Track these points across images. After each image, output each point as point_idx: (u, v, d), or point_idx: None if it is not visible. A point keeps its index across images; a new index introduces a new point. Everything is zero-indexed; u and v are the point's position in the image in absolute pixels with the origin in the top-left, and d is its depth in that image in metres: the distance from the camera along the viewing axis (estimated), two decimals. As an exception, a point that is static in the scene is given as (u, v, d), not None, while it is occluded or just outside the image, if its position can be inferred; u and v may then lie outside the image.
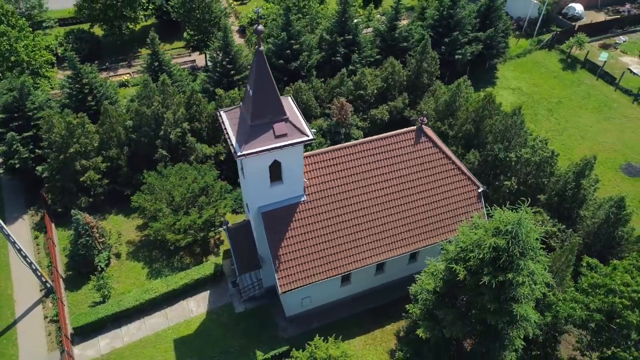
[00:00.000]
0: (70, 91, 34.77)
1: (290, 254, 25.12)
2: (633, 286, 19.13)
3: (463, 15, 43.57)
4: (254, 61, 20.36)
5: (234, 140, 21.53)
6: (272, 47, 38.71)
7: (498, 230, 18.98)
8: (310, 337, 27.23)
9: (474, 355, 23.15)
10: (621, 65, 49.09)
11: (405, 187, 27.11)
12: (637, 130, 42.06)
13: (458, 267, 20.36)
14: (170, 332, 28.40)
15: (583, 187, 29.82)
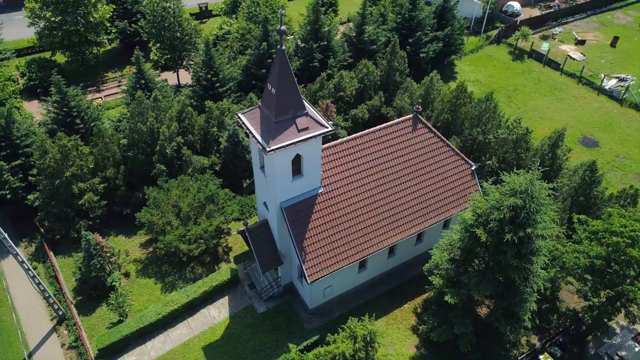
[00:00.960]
0: (57, 115, 34.14)
1: (314, 245, 26.27)
2: (629, 227, 22.08)
3: (423, 17, 47.02)
4: (276, 60, 21.68)
5: (260, 138, 22.59)
6: (251, 58, 39.97)
7: (514, 191, 21.32)
8: (334, 325, 28.65)
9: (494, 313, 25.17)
10: (561, 52, 54.56)
11: (408, 172, 29.16)
12: (586, 107, 46.95)
13: (479, 231, 22.47)
14: (197, 340, 28.47)
15: (558, 156, 33.31)
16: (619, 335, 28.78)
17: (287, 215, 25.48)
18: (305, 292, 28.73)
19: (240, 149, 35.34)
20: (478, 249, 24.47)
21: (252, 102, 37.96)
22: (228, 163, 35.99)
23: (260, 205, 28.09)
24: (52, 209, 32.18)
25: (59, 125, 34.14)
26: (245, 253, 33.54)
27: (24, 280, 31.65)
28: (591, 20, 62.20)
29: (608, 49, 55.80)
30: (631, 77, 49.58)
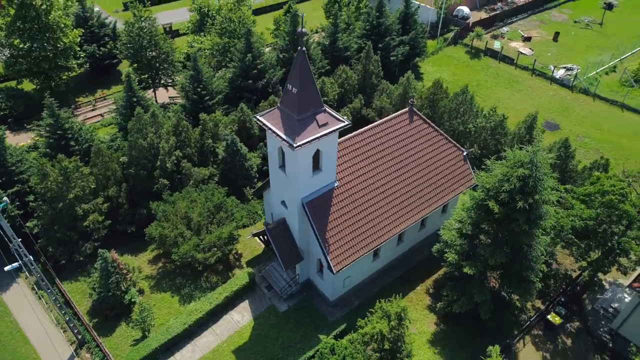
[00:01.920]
0: (50, 139, 33.49)
1: (335, 237, 27.53)
2: (618, 186, 25.13)
3: (389, 23, 50.05)
4: (296, 61, 23.07)
5: (284, 136, 23.77)
6: (236, 70, 41.00)
7: (520, 163, 23.77)
8: (355, 314, 29.97)
9: (506, 280, 27.38)
10: (512, 49, 59.47)
11: (409, 161, 31.20)
12: (543, 96, 51.50)
13: (491, 203, 24.70)
14: (225, 345, 28.72)
15: (534, 137, 36.69)
16: (609, 290, 31.95)
17: (308, 210, 26.64)
18: (327, 285, 29.81)
19: (239, 157, 36.11)
20: (486, 223, 26.73)
21: (243, 112, 38.92)
22: (227, 172, 36.59)
23: (277, 205, 29.01)
24: (55, 234, 31.43)
25: (52, 149, 33.47)
26: (256, 257, 34.16)
27: (30, 311, 30.66)
28: (532, 19, 68.22)
29: (551, 44, 61.45)
30: (576, 67, 54.92)
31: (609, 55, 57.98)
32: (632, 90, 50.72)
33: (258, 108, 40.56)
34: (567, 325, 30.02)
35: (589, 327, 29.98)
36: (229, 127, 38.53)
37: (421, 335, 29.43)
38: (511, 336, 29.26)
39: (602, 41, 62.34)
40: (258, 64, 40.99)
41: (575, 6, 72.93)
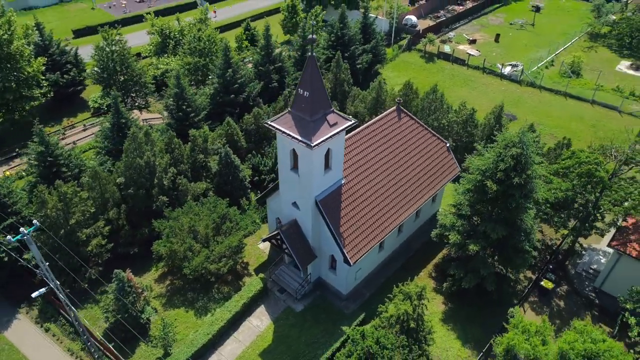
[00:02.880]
0: (40, 167, 32.59)
1: (347, 231, 29.03)
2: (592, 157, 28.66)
3: (353, 33, 52.86)
4: (307, 66, 24.63)
5: (300, 137, 25.13)
6: (218, 86, 41.80)
7: (512, 143, 26.60)
8: (368, 305, 31.54)
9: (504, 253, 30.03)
10: (461, 51, 64.32)
11: (402, 155, 33.44)
12: (496, 91, 56.16)
13: (489, 182, 27.30)
14: (250, 350, 29.16)
15: (503, 125, 40.33)
16: (586, 255, 35.63)
17: (322, 207, 28.01)
18: (340, 279, 31.12)
19: (233, 169, 36.81)
20: (482, 203, 29.34)
21: (230, 125, 39.74)
22: (222, 185, 37.11)
23: (287, 207, 30.07)
24: (56, 262, 30.52)
25: (43, 178, 32.59)
26: (262, 265, 34.84)
27: (39, 345, 29.57)
28: (473, 24, 74.06)
29: (494, 44, 67.09)
30: (520, 63, 60.41)
31: (546, 51, 64.29)
32: (571, 81, 56.58)
33: (242, 121, 41.50)
34: (558, 290, 33.20)
35: (576, 288, 33.31)
36: (217, 141, 39.16)
37: (433, 315, 31.36)
38: (512, 305, 31.94)
39: (536, 40, 68.90)
40: (238, 79, 42.02)
41: (507, 10, 79.93)
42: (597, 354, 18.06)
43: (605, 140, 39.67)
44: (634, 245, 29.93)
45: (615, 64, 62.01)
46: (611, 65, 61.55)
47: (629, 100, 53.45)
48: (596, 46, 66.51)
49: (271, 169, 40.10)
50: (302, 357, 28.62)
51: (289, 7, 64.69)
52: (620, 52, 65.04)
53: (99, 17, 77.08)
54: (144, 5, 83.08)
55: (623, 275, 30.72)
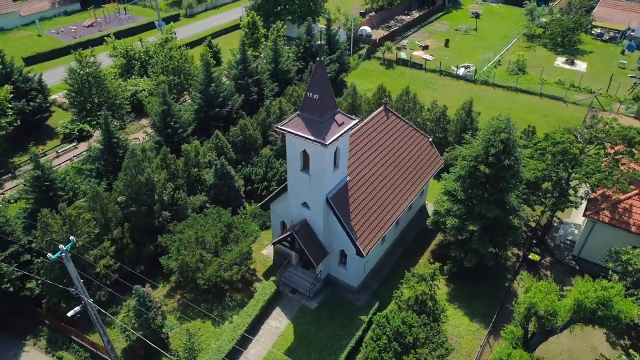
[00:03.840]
0: (35, 192, 31.69)
1: (357, 225, 30.65)
2: (565, 137, 32.27)
3: (320, 45, 55.04)
4: (316, 70, 26.25)
5: (313, 137, 26.61)
6: (201, 101, 42.39)
7: (500, 129, 29.53)
8: (378, 295, 33.27)
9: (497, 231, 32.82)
10: (417, 57, 68.47)
11: (393, 151, 35.70)
12: (455, 91, 60.36)
13: (482, 167, 30.03)
14: (275, 351, 29.82)
15: (474, 119, 43.86)
16: (561, 228, 39.40)
17: (333, 204, 29.50)
18: (351, 273, 32.57)
19: (229, 179, 37.48)
20: (474, 188, 32.05)
21: (218, 137, 40.42)
22: (218, 196, 37.61)
23: (296, 208, 31.18)
24: (65, 288, 29.76)
25: (40, 203, 31.72)
26: (269, 269, 35.59)
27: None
28: (422, 32, 79.00)
29: (445, 49, 71.97)
30: (472, 65, 65.35)
31: (492, 52, 69.91)
32: (519, 77, 62.01)
33: (228, 134, 42.26)
34: (543, 261, 36.51)
35: (558, 259, 36.78)
36: (208, 154, 39.67)
37: (439, 297, 33.44)
38: (507, 279, 34.82)
39: (481, 43, 74.66)
40: (221, 92, 42.83)
41: (450, 18, 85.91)
42: (609, 299, 20.78)
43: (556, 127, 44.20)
44: (605, 212, 33.75)
45: (553, 61, 68.57)
46: (550, 62, 67.99)
47: (570, 91, 59.37)
48: (534, 46, 73.13)
49: (262, 177, 41.07)
50: (326, 350, 29.68)
51: (249, 24, 66.08)
52: (554, 49, 71.95)
53: (48, 44, 74.61)
54: (94, 30, 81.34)
55: (598, 240, 34.41)
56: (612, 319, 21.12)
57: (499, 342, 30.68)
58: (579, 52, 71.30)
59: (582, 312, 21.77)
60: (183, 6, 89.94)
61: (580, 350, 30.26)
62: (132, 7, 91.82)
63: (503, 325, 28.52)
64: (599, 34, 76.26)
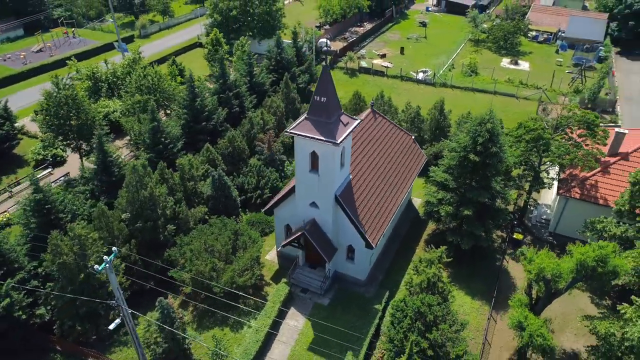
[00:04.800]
0: (35, 216, 30.84)
1: (363, 219, 32.44)
2: (537, 124, 35.95)
3: (290, 57, 57.06)
4: (323, 76, 27.96)
5: (324, 138, 28.21)
6: (187, 116, 42.77)
7: (485, 120, 32.56)
8: (384, 285, 35.18)
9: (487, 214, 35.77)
10: (377, 65, 72.03)
11: (384, 150, 37.97)
12: (418, 94, 64.14)
13: (472, 155, 32.88)
14: (298, 348, 30.72)
15: (446, 117, 47.25)
16: (535, 209, 43.24)
17: (342, 201, 31.14)
18: (359, 266, 34.20)
19: (227, 190, 38.12)
20: (464, 176, 34.87)
21: (209, 150, 40.97)
22: (218, 206, 38.11)
23: (304, 209, 32.37)
24: (79, 310, 29.23)
25: (41, 228, 30.92)
26: (276, 273, 36.45)
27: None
28: (377, 41, 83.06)
29: (401, 57, 76.17)
30: (429, 70, 69.73)
31: (444, 57, 74.92)
32: (474, 78, 66.98)
33: (217, 146, 42.88)
34: (525, 240, 39.95)
35: (537, 236, 40.39)
36: (201, 167, 40.10)
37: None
38: (496, 259, 37.83)
39: (433, 49, 79.68)
40: (206, 106, 43.44)
41: (400, 28, 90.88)
42: (606, 256, 23.79)
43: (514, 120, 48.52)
44: (575, 190, 37.73)
45: (499, 62, 74.57)
46: (497, 63, 73.88)
47: (520, 88, 64.96)
48: (480, 49, 79.00)
49: (255, 186, 41.96)
50: (349, 339, 30.89)
51: (213, 41, 66.77)
52: (499, 52, 78.23)
53: (-3, 71, 71.34)
54: (44, 55, 78.65)
55: (571, 216, 38.28)
56: (610, 273, 24.15)
57: (501, 316, 33.42)
58: (520, 53, 77.95)
59: (583, 271, 24.67)
60: (136, 27, 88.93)
61: (571, 313, 33.55)
62: (81, 31, 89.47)
63: (508, 295, 31.19)
64: (534, 37, 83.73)
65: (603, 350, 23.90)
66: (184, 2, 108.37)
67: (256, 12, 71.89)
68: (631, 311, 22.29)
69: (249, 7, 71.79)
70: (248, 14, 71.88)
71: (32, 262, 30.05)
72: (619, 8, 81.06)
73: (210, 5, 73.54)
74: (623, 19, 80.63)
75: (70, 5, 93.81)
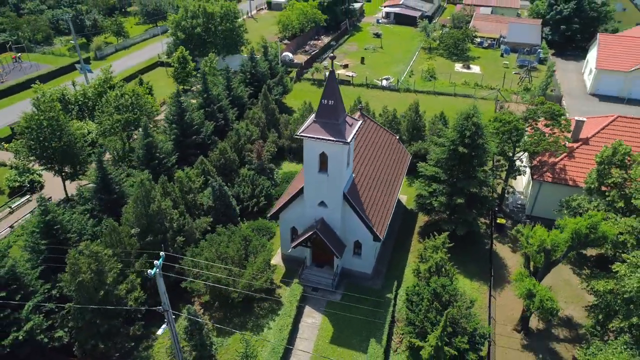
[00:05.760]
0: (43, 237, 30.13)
1: (369, 214, 34.36)
2: (512, 116, 39.67)
3: (264, 70, 58.58)
4: (329, 80, 29.84)
5: (334, 138, 29.98)
6: (177, 131, 43.05)
7: (470, 114, 35.69)
8: (389, 276, 37.18)
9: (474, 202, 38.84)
10: (341, 75, 74.96)
11: (375, 150, 40.28)
12: (385, 100, 67.38)
13: (461, 148, 35.84)
14: (320, 342, 31.87)
15: (421, 117, 50.53)
16: (508, 196, 47.07)
17: (350, 197, 32.93)
18: (365, 260, 35.97)
19: (227, 199, 38.81)
20: (453, 168, 37.79)
21: (204, 163, 41.50)
22: (219, 216, 38.64)
23: (312, 209, 33.77)
24: (99, 329, 28.84)
25: (48, 249, 30.26)
26: (284, 276, 37.42)
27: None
28: (337, 53, 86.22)
29: (362, 66, 79.70)
30: (391, 77, 73.59)
31: (403, 65, 79.27)
32: (434, 82, 71.50)
33: (209, 158, 43.44)
34: (507, 224, 43.48)
35: (515, 220, 44.08)
36: (197, 180, 40.53)
37: (439, 268, 38.30)
38: (484, 243, 40.95)
39: (391, 58, 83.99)
40: (194, 120, 43.94)
41: (356, 39, 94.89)
42: (597, 223, 27.12)
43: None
44: (547, 174, 41.77)
45: (453, 67, 79.94)
46: (451, 68, 79.15)
47: (476, 89, 70.13)
48: (433, 56, 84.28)
49: (251, 195, 42.82)
50: (370, 326, 32.40)
51: (179, 59, 66.98)
52: (450, 58, 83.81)
53: (-57, 101, 67.39)
54: (-6, 81, 74.95)
55: (545, 198, 42.23)
56: (600, 239, 27.50)
57: (499, 293, 36.32)
58: (469, 58, 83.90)
59: (577, 239, 27.88)
60: (91, 49, 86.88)
61: (558, 285, 37.04)
62: (32, 56, 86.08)
63: (501, 273, 34.04)
64: (479, 43, 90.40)
65: (602, 307, 27.06)
66: (135, 22, 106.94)
67: (219, 29, 72.89)
68: (624, 268, 25.57)
69: (211, 24, 72.69)
70: (211, 31, 72.72)
71: (45, 285, 29.29)
72: (551, 14, 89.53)
73: (172, 24, 73.73)
74: (555, 23, 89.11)
75: (14, 30, 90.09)
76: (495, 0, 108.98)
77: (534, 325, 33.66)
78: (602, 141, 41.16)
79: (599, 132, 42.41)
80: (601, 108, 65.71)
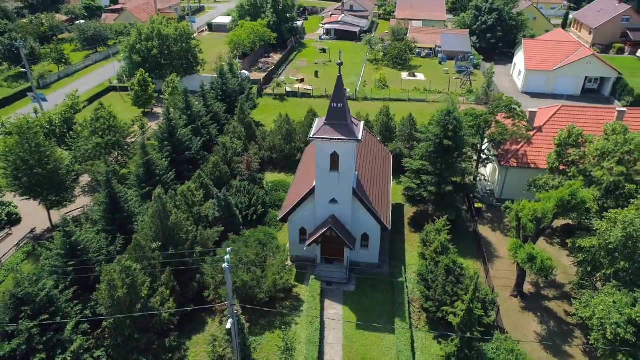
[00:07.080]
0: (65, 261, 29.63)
1: (376, 207, 37.27)
2: (484, 111, 44.65)
3: (234, 87, 60.14)
4: (338, 85, 32.61)
5: (346, 137, 32.68)
6: (170, 149, 43.47)
7: (451, 110, 40.06)
8: (395, 265, 40.19)
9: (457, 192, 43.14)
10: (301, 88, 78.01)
11: (367, 149, 43.46)
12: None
13: (446, 141, 40.00)
14: (348, 329, 33.97)
15: (392, 119, 54.72)
16: (477, 184, 52.27)
17: (359, 193, 35.68)
18: (372, 251, 38.72)
19: (232, 209, 39.96)
20: (438, 160, 41.88)
21: (201, 177, 42.31)
22: (226, 226, 39.65)
23: (323, 207, 36.04)
24: (138, 343, 28.94)
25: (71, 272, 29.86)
26: (297, 275, 39.10)
27: None
28: (290, 68, 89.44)
29: (317, 80, 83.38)
30: (347, 88, 77.85)
31: (354, 76, 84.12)
32: (387, 90, 76.75)
33: (204, 171, 44.24)
34: (483, 208, 48.38)
35: (488, 204, 49.17)
36: (197, 193, 41.25)
37: (434, 253, 41.93)
38: (470, 226, 45.41)
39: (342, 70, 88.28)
40: (185, 135, 44.61)
41: (304, 55, 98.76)
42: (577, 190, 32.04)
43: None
44: (512, 160, 47.30)
45: (400, 76, 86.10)
46: (398, 77, 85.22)
47: (425, 94, 76.36)
48: (379, 67, 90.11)
49: (248, 204, 44.12)
50: (386, 313, 35.01)
51: (140, 82, 66.53)
52: (396, 67, 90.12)
53: None
54: None
55: (512, 182, 47.66)
56: (580, 203, 32.46)
57: (490, 267, 40.59)
58: (413, 67, 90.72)
59: (562, 205, 32.65)
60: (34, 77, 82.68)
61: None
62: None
63: (488, 250, 38.29)
64: (418, 52, 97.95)
65: (589, 260, 31.87)
66: (72, 49, 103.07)
67: (174, 50, 73.25)
68: (604, 224, 30.54)
69: (166, 45, 72.91)
70: (166, 53, 72.86)
71: (76, 307, 28.86)
72: (477, 25, 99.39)
73: (126, 48, 72.96)
74: (481, 32, 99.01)
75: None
76: (424, 14, 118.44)
77: (526, 290, 38.13)
78: (554, 127, 47.49)
79: (549, 120, 48.84)
80: (534, 103, 74.16)
